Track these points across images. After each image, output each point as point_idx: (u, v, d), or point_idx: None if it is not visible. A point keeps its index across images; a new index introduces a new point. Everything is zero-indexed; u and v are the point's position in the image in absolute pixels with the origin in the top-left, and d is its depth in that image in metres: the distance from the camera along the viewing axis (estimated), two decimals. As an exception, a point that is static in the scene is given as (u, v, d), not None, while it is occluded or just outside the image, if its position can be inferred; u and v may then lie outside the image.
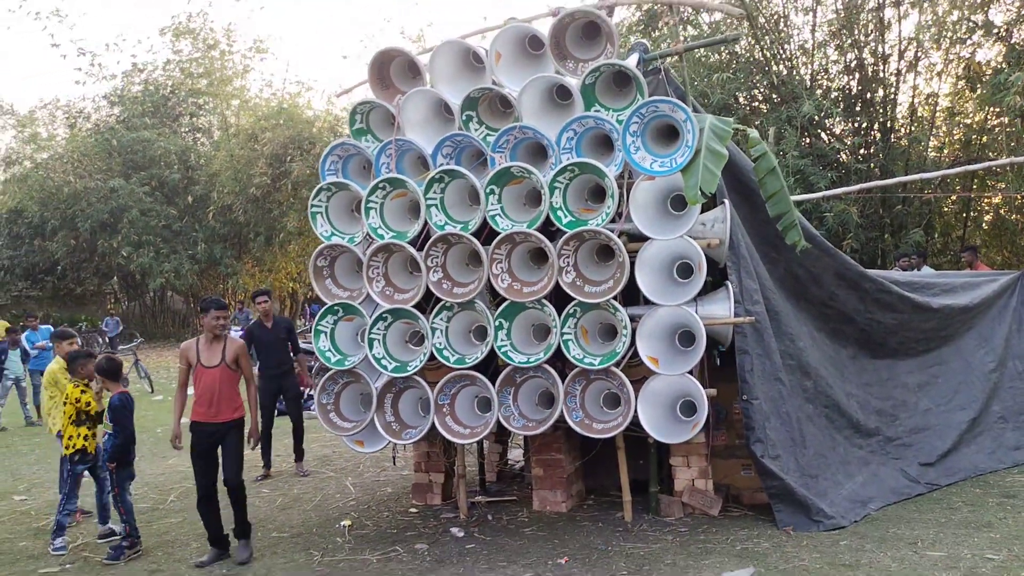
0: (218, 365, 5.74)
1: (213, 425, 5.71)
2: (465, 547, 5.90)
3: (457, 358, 5.93)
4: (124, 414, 6.11)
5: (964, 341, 8.09)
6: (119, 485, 6.09)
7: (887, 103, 18.34)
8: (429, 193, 5.93)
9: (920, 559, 5.15)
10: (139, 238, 28.70)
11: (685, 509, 6.39)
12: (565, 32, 6.10)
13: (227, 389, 5.76)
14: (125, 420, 6.10)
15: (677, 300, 5.81)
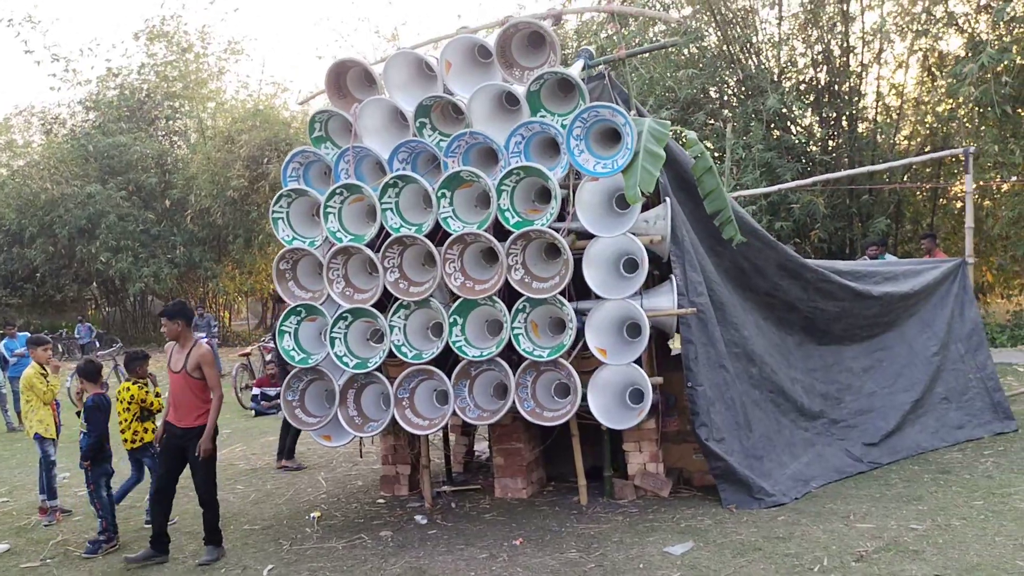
0: (179, 371, 5.99)
1: (178, 428, 5.97)
2: (427, 533, 6.22)
3: (415, 354, 6.24)
4: (97, 415, 6.40)
5: (907, 326, 8.46)
6: (94, 482, 6.37)
7: (853, 94, 18.74)
8: (384, 197, 6.22)
9: (849, 530, 5.51)
10: (117, 243, 28.74)
11: (637, 491, 6.73)
12: (511, 42, 6.41)
13: (187, 395, 5.95)
14: (97, 420, 6.38)
15: (623, 294, 6.14)
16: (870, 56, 18.70)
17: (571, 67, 6.62)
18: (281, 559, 5.85)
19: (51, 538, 6.68)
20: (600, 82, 6.77)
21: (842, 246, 18.21)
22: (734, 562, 5.07)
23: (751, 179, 16.15)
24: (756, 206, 16.46)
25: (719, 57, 19.01)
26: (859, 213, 18.38)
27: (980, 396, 8.42)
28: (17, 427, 12.92)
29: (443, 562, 5.50)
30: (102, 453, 6.46)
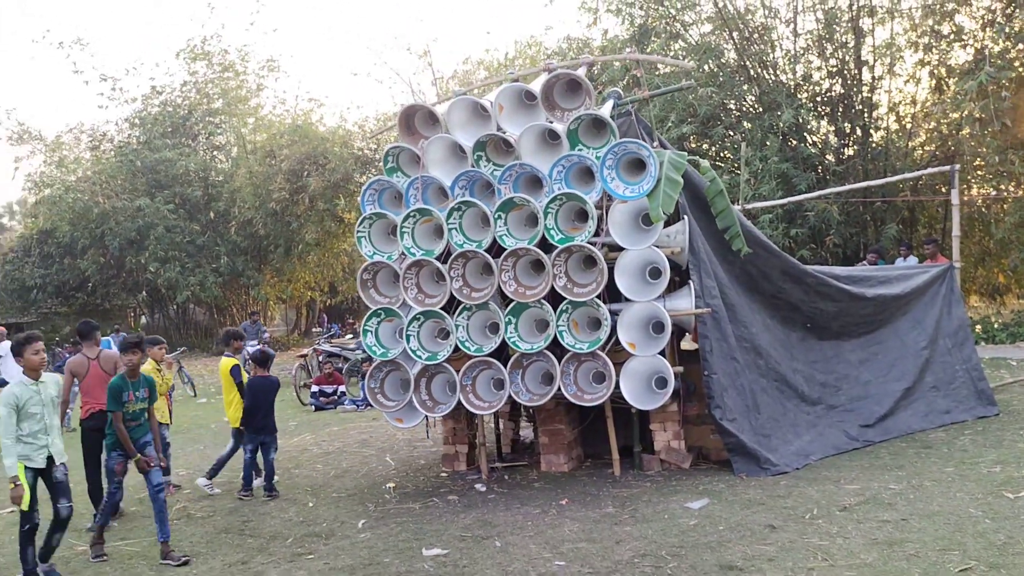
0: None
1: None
2: (487, 497, 7.48)
3: (476, 348, 7.51)
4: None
5: (900, 323, 9.60)
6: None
7: (866, 106, 19.74)
8: (450, 219, 7.51)
9: (838, 490, 6.70)
10: (165, 254, 30.21)
11: (663, 464, 7.94)
12: (553, 88, 7.69)
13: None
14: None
15: (648, 297, 7.37)
16: (882, 69, 19.69)
17: (603, 106, 7.87)
18: (370, 516, 7.13)
19: (172, 505, 8.00)
20: (627, 118, 8.02)
21: (856, 251, 19.10)
22: (741, 512, 6.27)
23: (767, 189, 17.20)
24: (772, 214, 17.49)
25: (737, 72, 20.08)
26: (872, 220, 19.39)
27: (966, 385, 9.54)
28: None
29: (504, 516, 6.75)
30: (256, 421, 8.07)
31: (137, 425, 6.48)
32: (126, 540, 6.99)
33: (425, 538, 6.30)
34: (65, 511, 6.00)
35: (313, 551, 6.27)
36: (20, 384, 5.83)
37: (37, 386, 5.87)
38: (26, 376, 5.88)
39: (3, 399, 5.73)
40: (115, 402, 6.34)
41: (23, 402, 5.75)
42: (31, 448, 5.80)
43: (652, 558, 5.44)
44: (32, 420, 5.77)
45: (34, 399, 5.80)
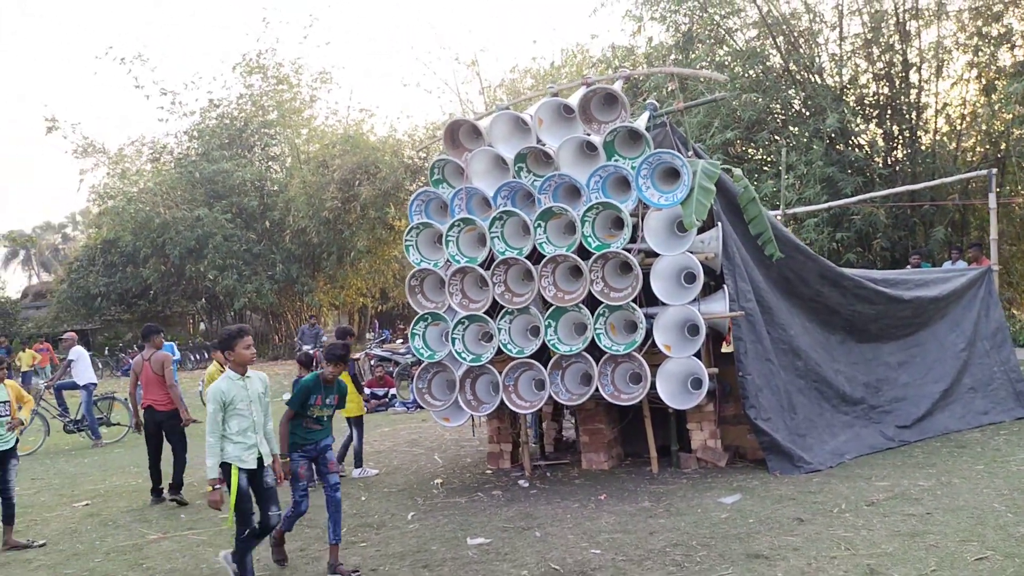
0: None
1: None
2: (530, 492, 7.84)
3: (518, 350, 7.89)
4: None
5: (938, 326, 9.73)
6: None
7: (912, 109, 19.66)
8: (493, 227, 7.90)
9: (868, 486, 6.91)
10: (223, 262, 31.22)
11: (699, 463, 8.21)
12: (590, 102, 8.04)
13: None
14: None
15: (683, 301, 7.67)
16: (930, 72, 19.59)
17: (638, 118, 8.19)
18: (419, 509, 7.54)
19: (234, 498, 8.51)
20: (663, 129, 8.33)
21: (905, 253, 18.93)
22: (772, 507, 6.53)
23: (812, 193, 17.23)
24: (818, 218, 17.54)
25: (782, 77, 20.14)
26: (920, 222, 19.28)
27: (1004, 386, 9.63)
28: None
29: (546, 510, 7.10)
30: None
31: (320, 428, 6.14)
32: (193, 530, 7.49)
33: (470, 528, 6.69)
34: (274, 519, 5.60)
35: (366, 540, 6.71)
36: (227, 379, 5.47)
37: (244, 381, 5.50)
38: (233, 371, 5.53)
39: (211, 395, 5.41)
40: (296, 400, 6.02)
41: (230, 398, 5.40)
42: (241, 448, 5.42)
43: (683, 547, 5.75)
44: (240, 418, 5.42)
45: (241, 395, 5.44)
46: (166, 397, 8.74)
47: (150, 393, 8.71)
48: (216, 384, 5.44)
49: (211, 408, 5.36)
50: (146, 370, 8.75)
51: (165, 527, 7.65)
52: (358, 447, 9.29)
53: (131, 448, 12.94)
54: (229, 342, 5.53)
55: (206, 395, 5.62)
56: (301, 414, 6.04)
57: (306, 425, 6.07)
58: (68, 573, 6.42)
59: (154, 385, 8.71)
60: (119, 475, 10.57)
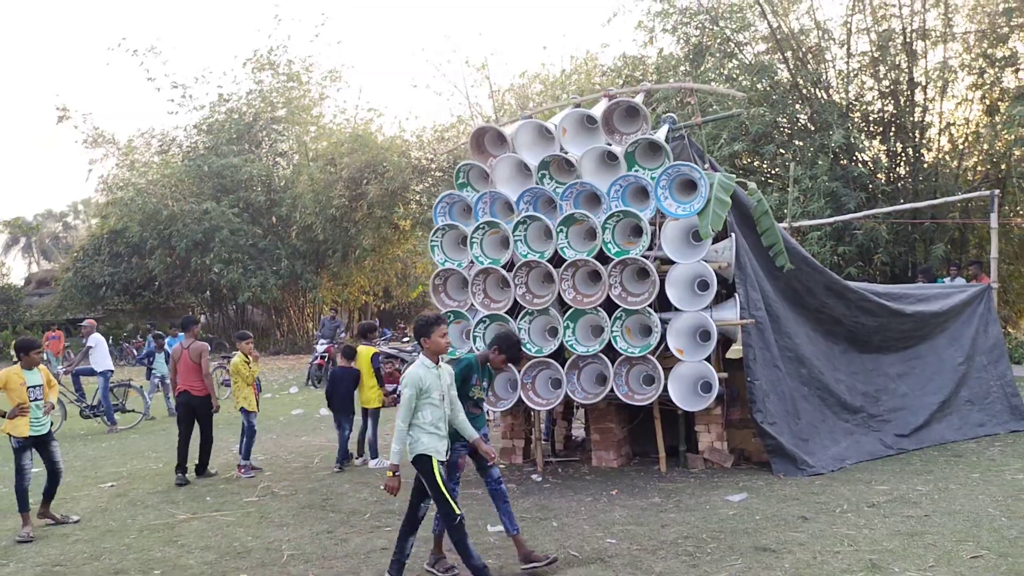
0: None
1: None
2: (543, 487, 8.17)
3: (537, 349, 8.22)
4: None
5: (937, 340, 10.07)
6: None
7: (916, 128, 20.01)
8: (516, 231, 8.24)
9: (869, 489, 7.25)
10: (229, 256, 31.45)
11: (706, 463, 8.54)
12: (613, 113, 8.38)
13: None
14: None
15: (696, 307, 8.01)
16: (935, 91, 19.93)
17: (658, 131, 8.53)
18: (437, 499, 7.85)
19: (258, 483, 8.85)
20: (681, 142, 8.67)
21: (904, 269, 19.33)
22: (777, 505, 6.87)
23: (816, 207, 17.58)
24: (821, 232, 17.90)
25: (790, 92, 20.49)
26: (921, 239, 19.63)
27: (999, 400, 9.98)
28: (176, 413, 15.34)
29: (559, 502, 7.43)
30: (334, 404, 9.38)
31: (479, 413, 6.01)
32: (220, 511, 7.81)
33: (489, 518, 7.01)
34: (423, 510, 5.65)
35: (389, 524, 7.02)
36: (422, 367, 5.39)
37: (437, 371, 5.42)
38: (427, 359, 5.44)
39: (409, 380, 5.33)
40: (458, 379, 5.76)
41: (426, 385, 5.31)
42: (436, 439, 5.35)
43: (694, 540, 6.08)
44: (433, 408, 5.33)
45: (435, 384, 5.36)
46: (201, 384, 9.28)
47: (186, 379, 9.30)
48: (413, 370, 5.36)
49: (408, 393, 5.29)
50: (184, 358, 9.37)
51: (193, 508, 7.97)
52: (372, 438, 9.64)
53: (146, 434, 13.25)
54: (427, 329, 5.43)
55: (403, 382, 5.40)
56: (462, 396, 5.76)
57: (467, 409, 5.80)
58: (106, 547, 6.74)
59: (191, 372, 9.29)
60: (139, 459, 10.88)
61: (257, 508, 7.88)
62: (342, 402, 9.63)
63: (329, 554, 6.31)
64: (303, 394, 18.13)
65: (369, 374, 9.70)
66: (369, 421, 9.71)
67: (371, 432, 9.69)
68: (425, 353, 5.46)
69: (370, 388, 9.69)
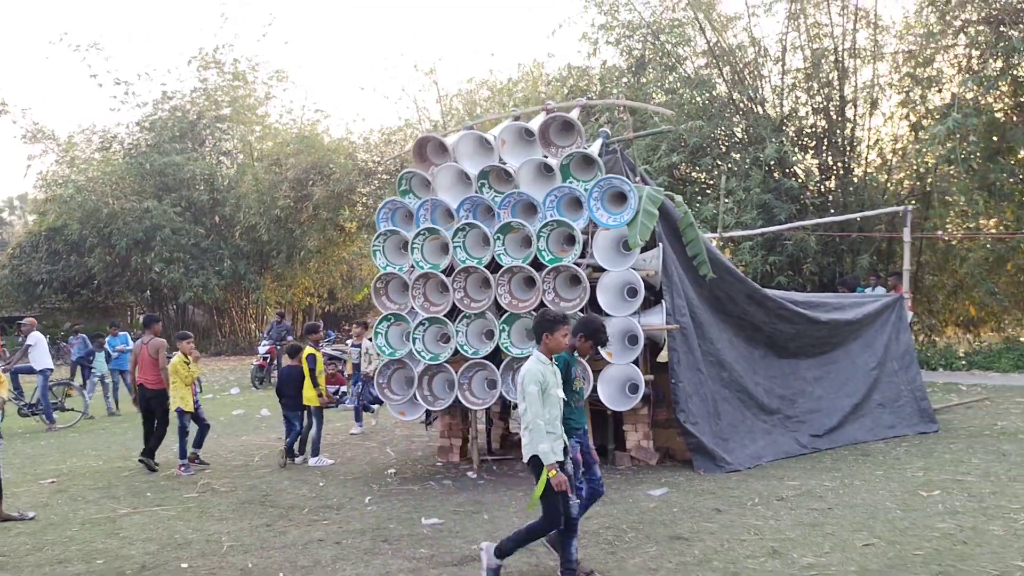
0: None
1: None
2: (478, 483, 8.53)
3: (474, 351, 8.59)
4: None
5: (851, 346, 10.69)
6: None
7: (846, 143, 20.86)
8: (456, 237, 8.60)
9: (781, 485, 7.77)
10: (170, 255, 31.19)
11: (633, 461, 8.99)
12: (549, 127, 8.80)
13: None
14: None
15: (625, 313, 8.46)
16: (864, 108, 20.83)
17: (592, 145, 8.97)
18: (374, 494, 8.18)
19: (198, 480, 9.05)
20: (614, 156, 9.13)
21: (832, 278, 20.11)
22: (694, 499, 7.34)
23: (749, 218, 18.24)
24: (753, 242, 18.58)
25: (727, 105, 21.20)
26: (848, 250, 20.47)
27: (909, 403, 10.63)
28: (116, 412, 15.36)
29: (493, 497, 7.80)
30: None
31: (582, 405, 5.90)
32: (162, 505, 8.01)
33: (424, 511, 7.35)
34: (574, 508, 5.46)
35: (327, 519, 7.32)
36: (540, 362, 5.30)
37: (552, 368, 5.37)
38: (544, 357, 5.35)
39: (531, 376, 5.20)
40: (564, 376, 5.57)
41: (547, 382, 5.22)
42: (551, 439, 5.18)
43: (615, 530, 6.51)
44: (550, 406, 5.22)
45: (552, 381, 5.27)
46: (156, 378, 9.75)
47: (143, 373, 9.79)
48: (534, 366, 5.26)
49: (534, 389, 5.14)
50: (144, 353, 9.85)
51: (134, 503, 8.15)
52: (316, 436, 9.89)
53: (85, 433, 13.27)
54: (552, 326, 5.36)
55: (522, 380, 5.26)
56: (566, 391, 5.57)
57: (574, 403, 5.67)
58: (48, 539, 6.92)
59: (148, 366, 9.75)
60: (78, 457, 10.96)
61: (197, 503, 8.10)
62: (290, 400, 9.98)
63: (268, 545, 6.58)
64: (244, 395, 18.21)
65: (306, 374, 9.94)
66: (315, 420, 9.97)
67: (315, 431, 9.94)
68: (541, 350, 5.38)
69: (309, 387, 9.94)
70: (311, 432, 9.97)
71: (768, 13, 20.99)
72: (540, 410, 5.13)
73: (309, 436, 10.05)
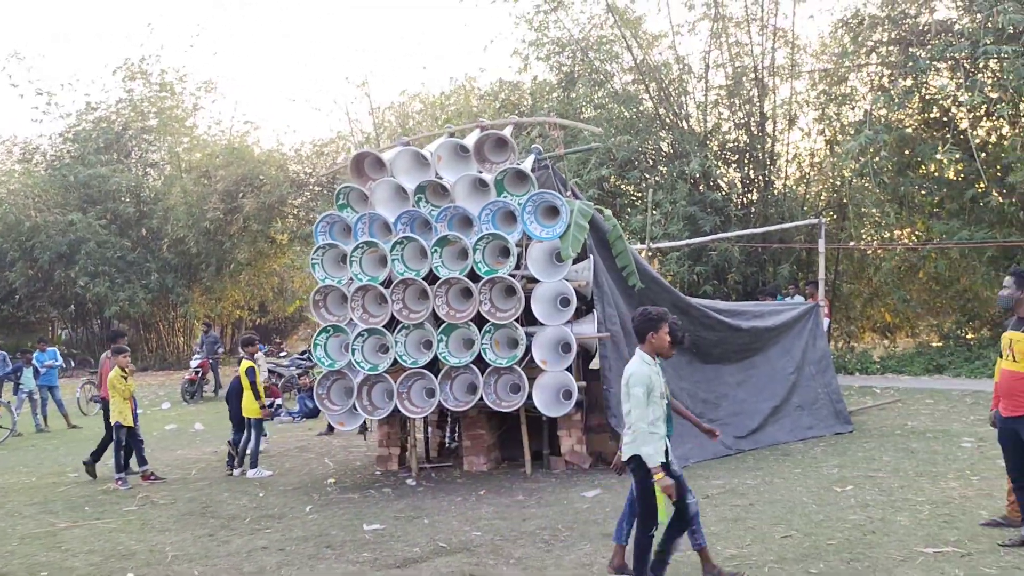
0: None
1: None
2: (417, 490, 8.76)
3: (412, 361, 8.82)
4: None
5: (771, 352, 11.24)
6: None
7: (767, 157, 21.68)
8: (394, 251, 8.84)
9: (706, 484, 8.20)
10: (95, 268, 30.37)
11: (567, 465, 9.32)
12: (484, 144, 9.12)
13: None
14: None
15: (558, 322, 8.81)
16: (784, 124, 21.71)
17: (525, 161, 9.32)
18: (315, 503, 8.33)
19: (136, 494, 9.06)
20: (546, 171, 9.49)
21: (756, 287, 20.89)
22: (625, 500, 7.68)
23: (676, 229, 18.83)
24: (680, 253, 19.19)
25: (654, 120, 21.84)
26: (770, 260, 21.28)
27: (826, 405, 11.22)
28: (45, 428, 15.08)
29: (432, 503, 8.04)
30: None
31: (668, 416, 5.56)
32: (101, 519, 8.04)
33: (365, 518, 7.56)
34: (693, 506, 5.45)
35: (270, 527, 7.47)
36: (645, 364, 5.22)
37: (656, 367, 5.29)
38: (649, 357, 5.27)
39: (638, 378, 5.12)
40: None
41: (653, 384, 5.14)
42: (655, 439, 5.12)
43: (551, 529, 6.83)
44: (655, 407, 5.15)
45: (657, 383, 5.19)
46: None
47: (105, 388, 10.18)
48: (640, 368, 5.19)
49: (640, 391, 5.08)
50: (106, 368, 10.36)
51: (73, 517, 8.15)
52: (255, 448, 9.96)
53: (14, 450, 13.02)
54: (656, 324, 5.27)
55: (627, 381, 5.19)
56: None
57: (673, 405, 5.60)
58: (-13, 556, 6.90)
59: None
60: (10, 474, 10.81)
61: (137, 516, 8.15)
62: (234, 411, 10.29)
63: (212, 554, 6.70)
64: (176, 409, 18.00)
65: (246, 386, 10.02)
66: (254, 432, 10.03)
67: (253, 443, 10.02)
68: (645, 349, 5.29)
69: (250, 399, 10.03)
70: (250, 444, 10.02)
71: (692, 32, 21.68)
72: (644, 412, 5.07)
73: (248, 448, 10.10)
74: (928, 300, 21.11)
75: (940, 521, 6.59)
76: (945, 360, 17.47)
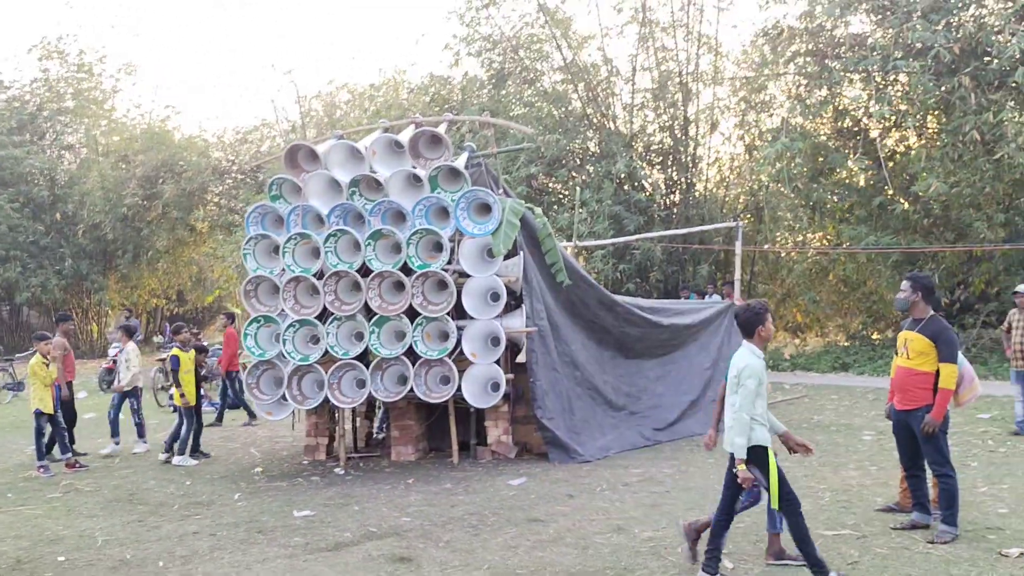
0: None
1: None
2: (345, 479, 8.91)
3: (344, 352, 8.96)
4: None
5: (689, 348, 11.75)
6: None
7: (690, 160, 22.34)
8: (327, 243, 8.95)
9: (625, 473, 8.58)
10: (6, 253, 29.36)
11: (494, 455, 9.60)
12: (418, 140, 9.31)
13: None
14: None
15: (488, 316, 9.07)
16: (705, 128, 22.41)
17: (459, 158, 9.54)
18: (243, 491, 8.41)
19: (59, 481, 8.98)
20: (479, 169, 9.73)
21: (676, 285, 21.55)
22: (550, 487, 8.03)
23: (601, 228, 19.27)
24: (605, 251, 19.64)
25: (582, 120, 22.28)
26: (690, 259, 21.95)
27: (739, 400, 11.75)
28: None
29: (361, 491, 8.21)
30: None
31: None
32: (25, 505, 7.96)
33: (295, 505, 7.69)
34: (737, 504, 5.61)
35: (199, 514, 7.53)
36: (755, 356, 5.24)
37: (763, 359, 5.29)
38: (759, 349, 5.31)
39: (752, 369, 5.16)
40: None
41: (763, 377, 5.18)
42: (764, 429, 5.22)
43: (477, 515, 7.09)
44: (762, 398, 5.21)
45: (764, 374, 5.24)
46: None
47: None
48: (752, 360, 5.23)
49: (753, 383, 5.13)
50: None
51: (-5, 504, 8.04)
52: (185, 436, 9.92)
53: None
54: (763, 317, 5.31)
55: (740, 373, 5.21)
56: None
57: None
58: (-94, 543, 6.79)
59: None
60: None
61: (62, 502, 8.10)
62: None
63: (143, 539, 6.75)
64: (93, 399, 17.64)
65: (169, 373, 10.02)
66: (186, 420, 10.00)
67: (184, 430, 9.97)
68: (755, 342, 5.33)
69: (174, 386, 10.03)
70: (182, 430, 9.99)
71: (620, 35, 22.14)
72: (751, 404, 5.14)
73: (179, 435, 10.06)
74: (837, 301, 22.07)
75: (839, 507, 7.10)
76: (851, 358, 18.35)
